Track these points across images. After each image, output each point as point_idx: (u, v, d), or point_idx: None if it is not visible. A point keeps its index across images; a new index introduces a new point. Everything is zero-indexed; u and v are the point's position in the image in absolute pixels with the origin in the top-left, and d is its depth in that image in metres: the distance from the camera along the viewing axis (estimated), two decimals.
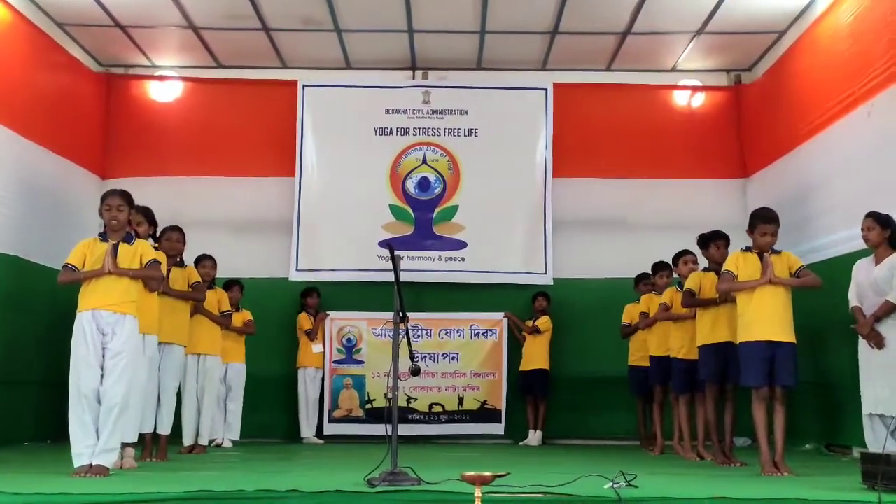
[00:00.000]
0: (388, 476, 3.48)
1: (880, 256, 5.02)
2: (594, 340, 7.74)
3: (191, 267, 5.67)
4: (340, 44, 8.10)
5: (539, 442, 7.55)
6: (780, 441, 4.52)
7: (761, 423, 4.54)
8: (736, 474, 4.61)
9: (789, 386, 4.54)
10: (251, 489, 3.28)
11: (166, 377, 5.23)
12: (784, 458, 4.53)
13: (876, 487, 3.37)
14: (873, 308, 4.90)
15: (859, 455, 4.88)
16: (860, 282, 5.08)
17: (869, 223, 5.05)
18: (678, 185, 8.31)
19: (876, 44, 5.80)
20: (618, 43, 8.00)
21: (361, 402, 7.77)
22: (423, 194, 8.39)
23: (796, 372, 4.54)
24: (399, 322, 3.86)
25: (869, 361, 5.01)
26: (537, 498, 3.26)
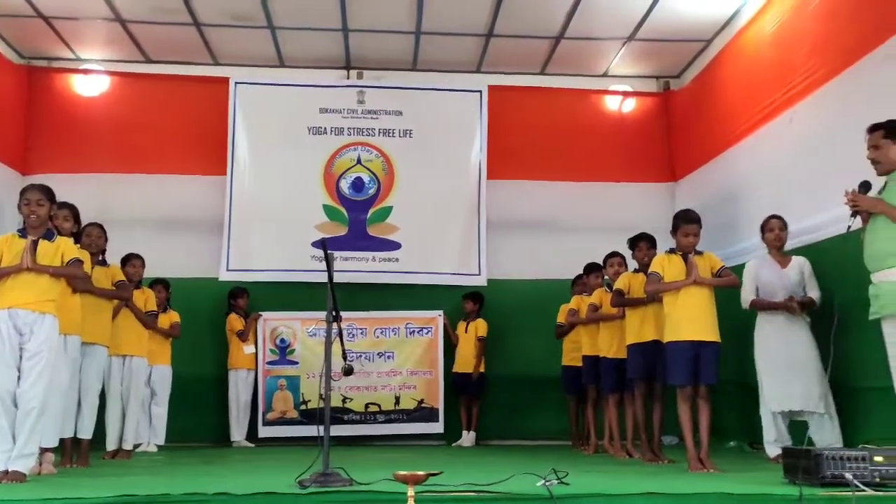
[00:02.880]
0: (319, 477, 3.42)
1: (781, 258, 5.32)
2: (528, 341, 7.80)
3: (115, 265, 5.47)
4: (274, 41, 7.97)
5: (473, 442, 7.57)
6: (704, 438, 4.64)
7: (686, 421, 4.66)
8: (664, 471, 4.71)
9: (713, 384, 4.67)
10: (177, 493, 3.17)
11: (88, 379, 5.03)
12: (709, 454, 4.65)
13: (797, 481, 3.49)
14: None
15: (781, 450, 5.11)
16: (767, 282, 5.30)
17: (781, 224, 5.37)
18: (609, 188, 8.48)
19: (797, 53, 6.04)
20: (551, 47, 8.11)
21: (296, 403, 7.64)
22: (357, 195, 8.32)
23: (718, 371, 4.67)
24: (332, 321, 3.80)
25: (775, 360, 5.22)
26: (470, 496, 3.25)
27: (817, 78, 5.71)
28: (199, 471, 4.75)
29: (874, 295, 3.96)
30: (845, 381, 4.77)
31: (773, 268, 5.37)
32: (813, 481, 3.38)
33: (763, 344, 5.35)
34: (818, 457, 3.38)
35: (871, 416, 4.71)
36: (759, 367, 5.36)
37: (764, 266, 5.40)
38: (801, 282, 5.30)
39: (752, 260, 5.52)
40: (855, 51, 5.22)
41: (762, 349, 5.35)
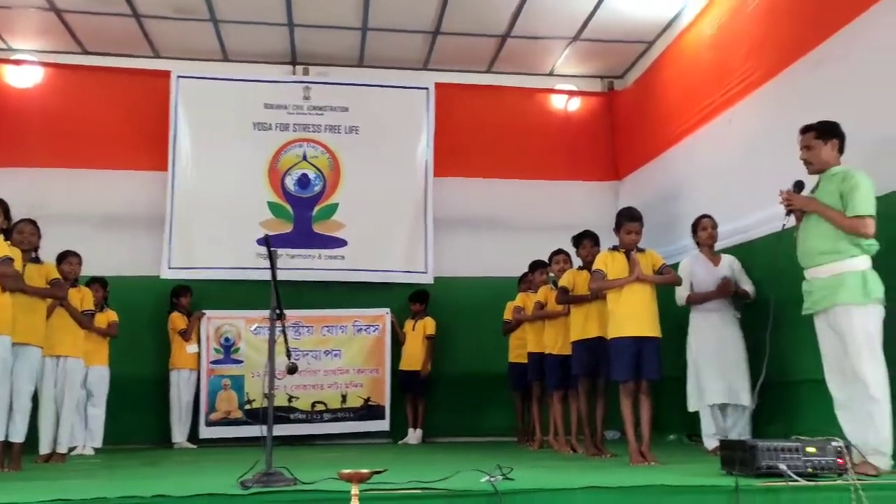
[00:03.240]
0: (262, 477, 3.37)
1: (713, 256, 5.53)
2: (475, 338, 7.83)
3: (49, 263, 5.28)
4: (217, 34, 7.83)
5: (419, 440, 7.57)
6: (646, 432, 4.73)
7: (628, 416, 4.74)
8: (606, 465, 4.78)
9: (655, 379, 4.76)
10: (113, 496, 3.08)
11: (20, 381, 4.83)
12: (650, 448, 4.74)
13: (734, 472, 3.58)
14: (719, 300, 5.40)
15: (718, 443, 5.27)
16: (701, 279, 5.47)
17: (712, 223, 5.59)
18: (555, 187, 8.56)
19: (735, 55, 6.20)
20: (498, 45, 8.16)
21: (240, 402, 7.52)
22: (302, 192, 8.23)
23: (661, 366, 4.77)
24: (276, 319, 3.75)
25: (709, 355, 5.39)
26: (415, 494, 3.25)
27: (754, 80, 5.87)
28: (137, 473, 4.64)
29: (807, 291, 4.08)
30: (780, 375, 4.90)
31: (706, 265, 5.54)
32: (749, 472, 3.48)
33: (697, 340, 5.51)
34: (754, 448, 3.48)
35: (804, 409, 4.86)
36: (694, 362, 5.51)
37: (698, 264, 5.57)
38: (732, 279, 5.49)
39: (686, 258, 5.67)
40: (790, 54, 5.39)
41: (696, 345, 5.51)
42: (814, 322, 4.07)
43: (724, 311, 5.48)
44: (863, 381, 3.74)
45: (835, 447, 3.51)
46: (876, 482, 3.45)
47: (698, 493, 3.32)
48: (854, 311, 3.79)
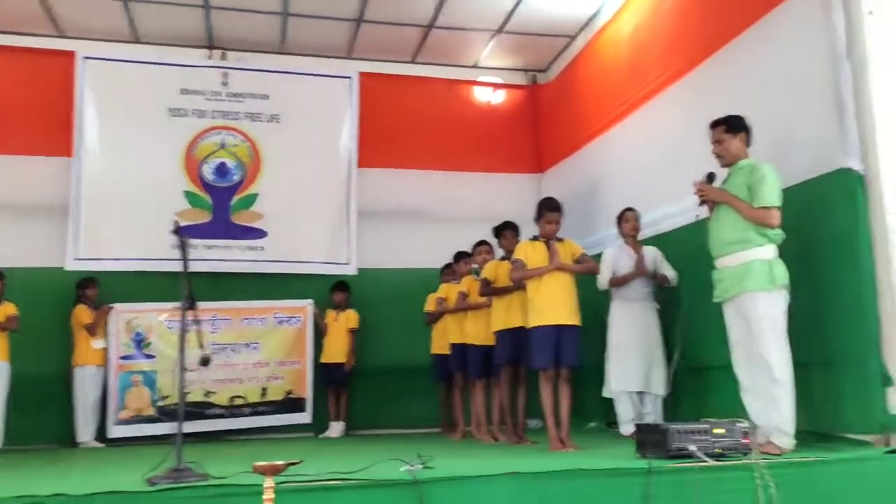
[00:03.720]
0: (171, 473, 3.25)
1: (636, 247, 5.68)
2: (398, 330, 7.76)
3: None
4: (127, 14, 7.48)
5: (341, 433, 7.48)
6: (565, 419, 4.80)
7: (548, 403, 4.80)
8: (526, 452, 4.83)
9: (574, 366, 4.83)
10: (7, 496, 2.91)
11: None
12: (570, 434, 4.82)
13: (647, 455, 3.67)
14: (640, 289, 5.58)
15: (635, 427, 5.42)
16: (625, 268, 5.62)
17: (636, 216, 5.75)
18: (479, 178, 8.58)
19: (652, 52, 6.34)
20: (422, 36, 8.10)
21: (153, 399, 7.23)
22: (220, 181, 7.99)
23: (579, 353, 4.84)
24: (187, 309, 3.61)
25: (627, 343, 5.54)
26: (333, 485, 3.19)
27: (670, 76, 6.02)
28: (37, 472, 4.41)
29: (717, 280, 4.22)
30: (692, 362, 5.06)
31: (629, 255, 5.67)
32: (661, 454, 3.57)
33: (617, 328, 5.64)
34: (666, 431, 3.58)
35: (713, 393, 5.02)
36: (614, 350, 5.63)
37: (622, 254, 5.70)
38: (654, 268, 5.65)
39: (610, 248, 5.79)
40: (702, 52, 5.54)
41: (616, 333, 5.63)
42: (723, 309, 4.21)
43: (644, 301, 5.63)
44: (767, 364, 3.90)
45: (741, 428, 3.66)
46: (779, 461, 3.61)
47: (613, 475, 3.39)
48: (760, 297, 3.94)
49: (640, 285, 5.62)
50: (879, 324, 3.95)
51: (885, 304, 3.96)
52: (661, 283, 5.63)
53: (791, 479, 3.50)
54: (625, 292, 5.63)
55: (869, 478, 3.64)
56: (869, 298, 3.96)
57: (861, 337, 3.97)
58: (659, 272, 5.64)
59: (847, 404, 4.06)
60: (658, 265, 5.67)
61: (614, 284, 5.64)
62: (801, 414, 3.95)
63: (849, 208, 4.09)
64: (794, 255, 4.09)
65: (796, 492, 3.49)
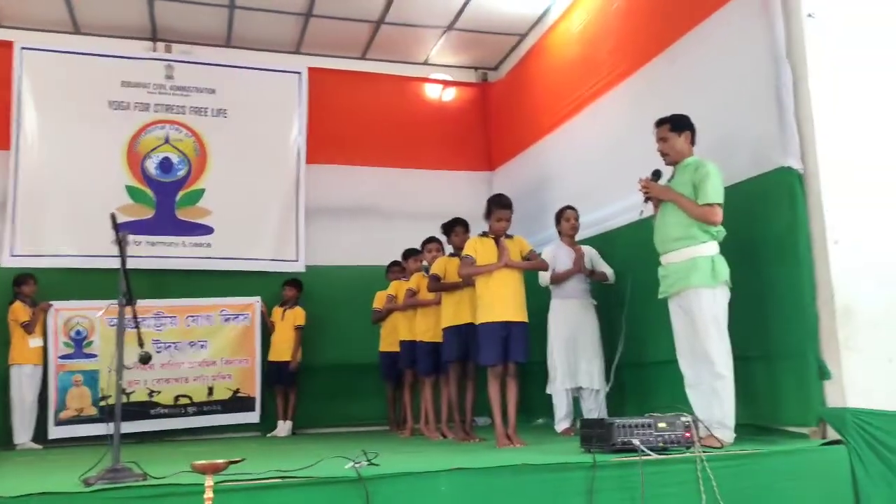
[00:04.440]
0: (107, 473, 3.15)
1: (573, 245, 5.80)
2: (346, 328, 7.70)
3: None
4: (67, 4, 7.26)
5: (289, 432, 7.39)
6: (512, 415, 4.81)
7: (496, 399, 4.80)
8: (474, 449, 4.82)
9: (521, 362, 4.85)
10: None
11: None
12: (517, 430, 4.83)
13: (592, 450, 3.70)
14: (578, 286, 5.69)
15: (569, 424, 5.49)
16: (564, 265, 5.71)
17: (576, 215, 5.87)
18: (430, 176, 8.57)
19: (599, 51, 6.41)
20: (372, 31, 8.05)
21: (94, 399, 7.03)
22: (165, 176, 7.81)
23: (528, 349, 4.86)
24: (125, 305, 3.51)
25: (566, 340, 5.63)
26: (275, 483, 3.14)
27: (617, 75, 6.09)
28: None
29: (662, 276, 4.28)
30: (636, 357, 5.13)
31: (568, 253, 5.75)
32: (605, 449, 3.61)
33: (555, 326, 5.72)
34: (610, 426, 3.61)
35: (657, 387, 5.11)
36: (551, 347, 5.69)
37: (561, 251, 5.79)
38: (591, 266, 5.78)
39: (549, 246, 5.86)
40: (649, 51, 5.62)
41: (554, 331, 5.71)
42: (668, 305, 4.27)
43: (582, 298, 5.72)
44: (710, 359, 3.97)
45: (683, 422, 3.71)
46: (719, 454, 3.67)
47: (558, 470, 3.41)
48: (703, 293, 4.01)
49: (577, 282, 5.71)
50: (818, 319, 4.05)
51: (823, 299, 4.05)
52: (599, 279, 5.74)
53: (731, 471, 3.57)
54: (563, 290, 5.71)
55: (805, 469, 3.74)
56: (808, 294, 4.06)
57: (800, 332, 4.06)
58: (597, 269, 5.71)
59: (786, 398, 4.16)
60: (595, 263, 5.76)
61: (554, 281, 5.70)
62: (742, 407, 4.04)
63: (788, 206, 4.18)
64: (736, 252, 4.17)
65: (736, 484, 3.56)
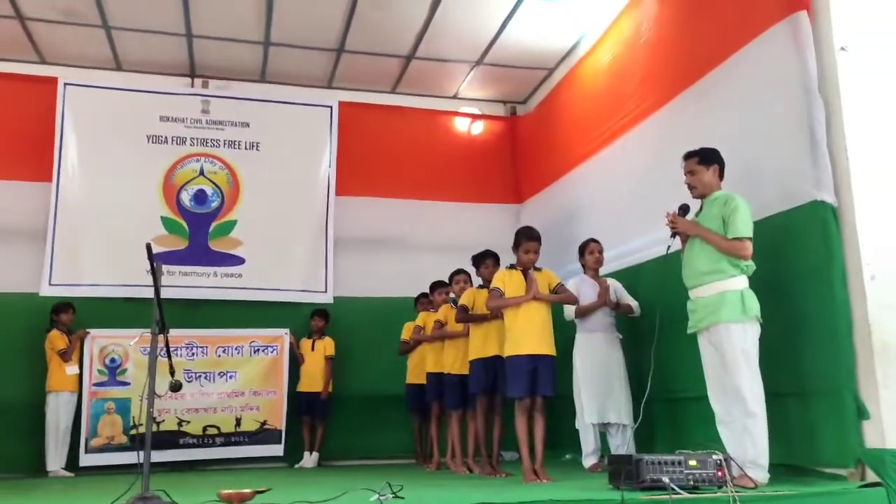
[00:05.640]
0: (137, 501, 3.18)
1: (598, 279, 5.76)
2: (373, 359, 7.71)
3: None
4: (109, 42, 7.50)
5: (315, 463, 7.38)
6: (539, 450, 4.76)
7: (523, 433, 4.76)
8: (500, 483, 4.78)
9: (549, 396, 4.81)
10: None
11: None
12: (544, 466, 4.78)
13: (620, 486, 3.64)
14: (603, 320, 5.63)
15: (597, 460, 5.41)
16: (588, 298, 5.64)
17: (600, 248, 5.84)
18: (458, 208, 8.61)
19: (628, 85, 6.43)
20: (402, 66, 8.18)
21: (125, 427, 7.10)
22: (199, 207, 7.96)
23: (555, 383, 4.83)
24: (157, 334, 3.57)
25: (592, 375, 5.56)
26: None
27: (645, 108, 6.10)
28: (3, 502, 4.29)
29: (691, 310, 4.23)
30: (665, 393, 5.06)
31: (592, 286, 5.71)
32: (634, 486, 3.55)
33: (581, 360, 5.65)
34: (639, 462, 3.55)
35: (686, 424, 5.02)
36: (577, 382, 5.63)
37: (585, 284, 5.73)
38: (615, 298, 5.74)
39: (574, 278, 5.80)
40: (677, 85, 5.63)
41: (580, 365, 5.65)
42: (697, 340, 4.22)
43: (607, 331, 5.67)
44: (741, 395, 3.90)
45: (715, 460, 3.63)
46: (753, 494, 3.58)
47: None
48: (733, 328, 3.95)
49: (603, 316, 5.66)
50: (854, 356, 3.96)
51: (860, 336, 3.96)
52: (624, 312, 5.68)
53: None
54: (588, 324, 5.66)
55: None
56: (843, 331, 3.97)
57: (835, 369, 3.97)
58: (622, 302, 5.67)
59: (822, 437, 4.05)
60: (620, 296, 5.73)
61: (579, 315, 5.65)
62: (775, 446, 3.94)
63: (822, 241, 4.12)
64: (766, 286, 4.12)
65: None
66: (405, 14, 7.09)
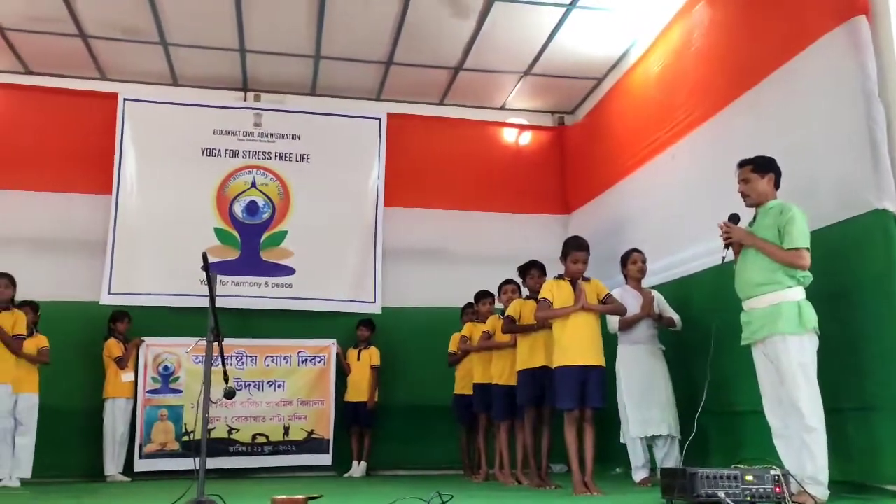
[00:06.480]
0: None
1: (640, 289, 5.67)
2: (421, 369, 7.72)
3: None
4: (167, 58, 7.73)
5: (363, 473, 7.42)
6: (589, 461, 4.70)
7: (573, 445, 4.72)
8: (549, 496, 4.74)
9: (598, 407, 4.75)
10: None
11: None
12: (594, 478, 4.72)
13: (674, 500, 3.58)
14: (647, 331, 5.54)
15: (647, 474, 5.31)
16: (632, 309, 5.50)
17: (643, 258, 5.75)
18: (506, 219, 8.59)
19: (678, 94, 6.35)
20: (450, 78, 8.22)
21: (177, 434, 7.26)
22: (250, 218, 8.11)
23: (605, 394, 4.77)
24: (212, 342, 3.64)
25: (637, 387, 5.47)
26: None
27: (696, 117, 6.01)
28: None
29: (745, 322, 4.14)
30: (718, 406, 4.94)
31: (635, 297, 5.63)
32: (688, 500, 3.47)
33: (625, 372, 5.56)
34: (693, 476, 3.48)
35: (743, 438, 4.90)
36: (622, 395, 5.55)
37: (627, 295, 5.63)
38: (658, 309, 5.65)
39: (617, 289, 5.68)
40: (729, 94, 5.54)
41: (624, 377, 5.56)
42: (752, 353, 4.13)
43: (651, 343, 5.58)
44: (799, 410, 3.79)
45: (773, 476, 3.54)
46: None
47: None
48: (790, 340, 3.85)
49: (646, 328, 5.56)
50: None
51: None
52: (667, 325, 5.58)
53: None
54: (631, 335, 5.57)
55: None
56: None
57: None
58: (665, 314, 5.58)
59: (885, 454, 3.92)
60: (662, 308, 5.63)
61: (622, 327, 5.57)
62: (835, 462, 3.83)
63: (884, 250, 4.00)
64: (825, 298, 4.01)
65: None
66: (454, 26, 7.14)
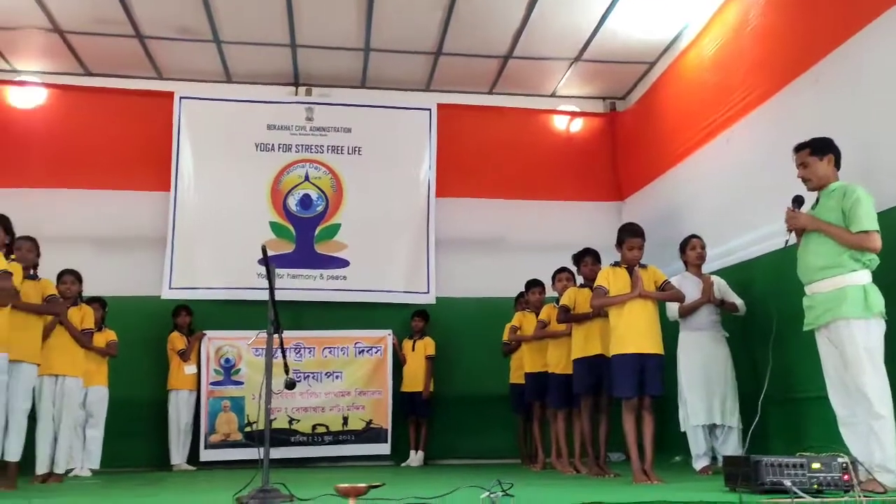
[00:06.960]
0: (258, 493, 3.33)
1: (701, 275, 5.56)
2: (476, 359, 7.77)
3: (46, 280, 5.26)
4: (220, 56, 7.88)
5: (421, 462, 7.49)
6: (648, 449, 4.66)
7: (631, 433, 4.67)
8: (608, 484, 4.71)
9: (657, 395, 4.71)
10: None
11: (15, 399, 4.78)
12: (653, 466, 4.68)
13: (737, 488, 3.53)
14: (708, 317, 5.45)
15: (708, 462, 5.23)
16: (692, 296, 5.41)
17: (702, 244, 5.63)
18: (558, 207, 8.54)
19: (734, 76, 6.21)
20: (500, 66, 8.19)
21: (240, 425, 7.45)
22: (304, 212, 8.24)
23: (663, 382, 4.72)
24: (273, 334, 3.72)
25: (697, 375, 5.37)
26: None
27: (754, 98, 5.87)
28: (133, 493, 4.57)
29: (808, 306, 4.04)
30: (781, 392, 4.85)
31: (695, 283, 5.52)
32: (753, 488, 3.42)
33: (686, 360, 5.49)
34: (758, 464, 3.42)
35: (808, 425, 4.80)
36: (682, 383, 5.47)
37: (686, 281, 5.53)
38: (719, 295, 5.54)
39: (676, 276, 5.59)
40: (788, 72, 5.39)
41: (685, 365, 5.48)
42: (815, 338, 4.03)
43: (713, 330, 5.48)
44: (866, 396, 3.69)
45: (840, 464, 3.46)
46: (883, 499, 3.39)
47: None
48: (855, 325, 3.75)
49: (707, 314, 5.47)
50: None
51: None
52: (729, 310, 5.48)
53: None
54: (692, 322, 5.47)
55: None
56: None
57: None
58: (727, 300, 5.47)
59: None
60: (724, 293, 5.52)
61: (683, 313, 5.48)
62: None
63: None
64: (890, 282, 3.89)
65: None
66: (503, 14, 7.10)
